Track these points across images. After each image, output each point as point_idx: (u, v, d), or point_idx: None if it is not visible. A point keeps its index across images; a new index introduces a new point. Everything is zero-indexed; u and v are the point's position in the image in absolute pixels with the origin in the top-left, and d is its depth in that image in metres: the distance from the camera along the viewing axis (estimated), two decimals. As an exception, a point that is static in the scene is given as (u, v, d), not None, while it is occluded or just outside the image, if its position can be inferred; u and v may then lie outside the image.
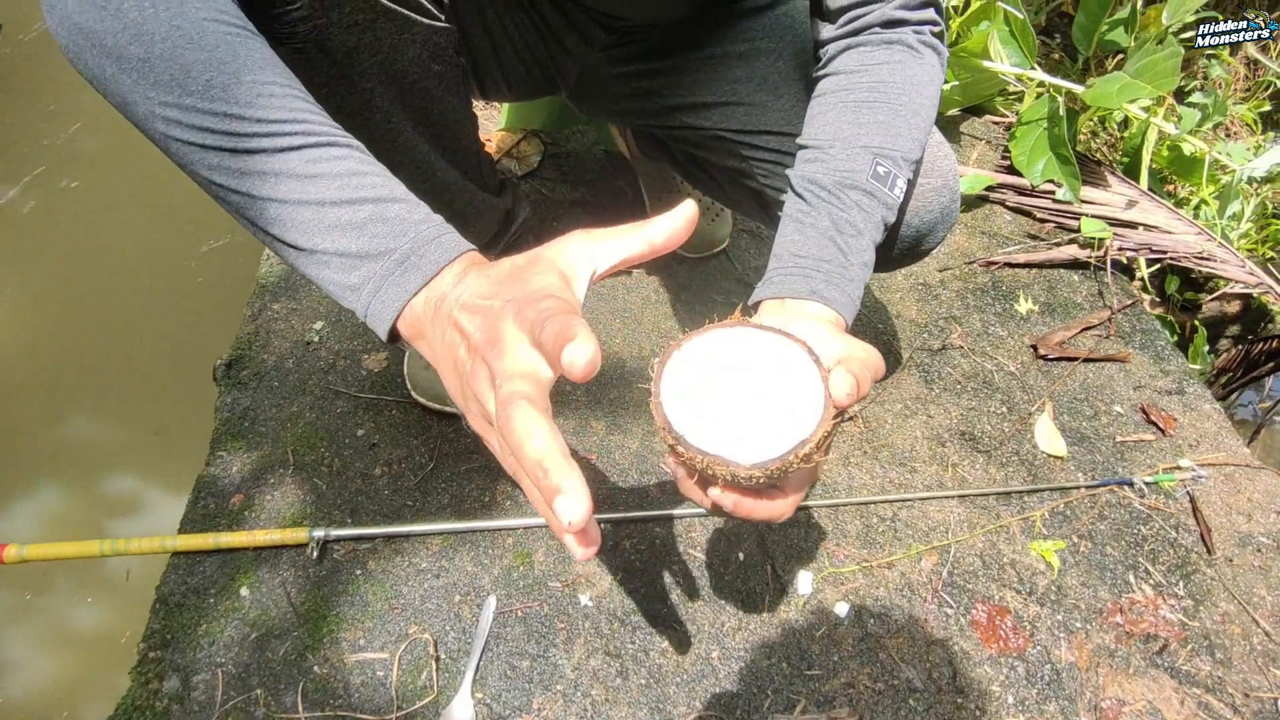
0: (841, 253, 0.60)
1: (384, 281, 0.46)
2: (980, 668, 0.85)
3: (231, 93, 0.44)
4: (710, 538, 0.92)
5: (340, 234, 0.46)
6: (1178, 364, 1.19)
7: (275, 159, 0.45)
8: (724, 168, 0.90)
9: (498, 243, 0.97)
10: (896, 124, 0.64)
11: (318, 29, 0.57)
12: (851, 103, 0.65)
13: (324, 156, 0.46)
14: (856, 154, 0.62)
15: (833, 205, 0.61)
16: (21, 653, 1.06)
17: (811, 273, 0.59)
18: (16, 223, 1.58)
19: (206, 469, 0.94)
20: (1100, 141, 1.74)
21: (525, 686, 0.80)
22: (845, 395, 0.47)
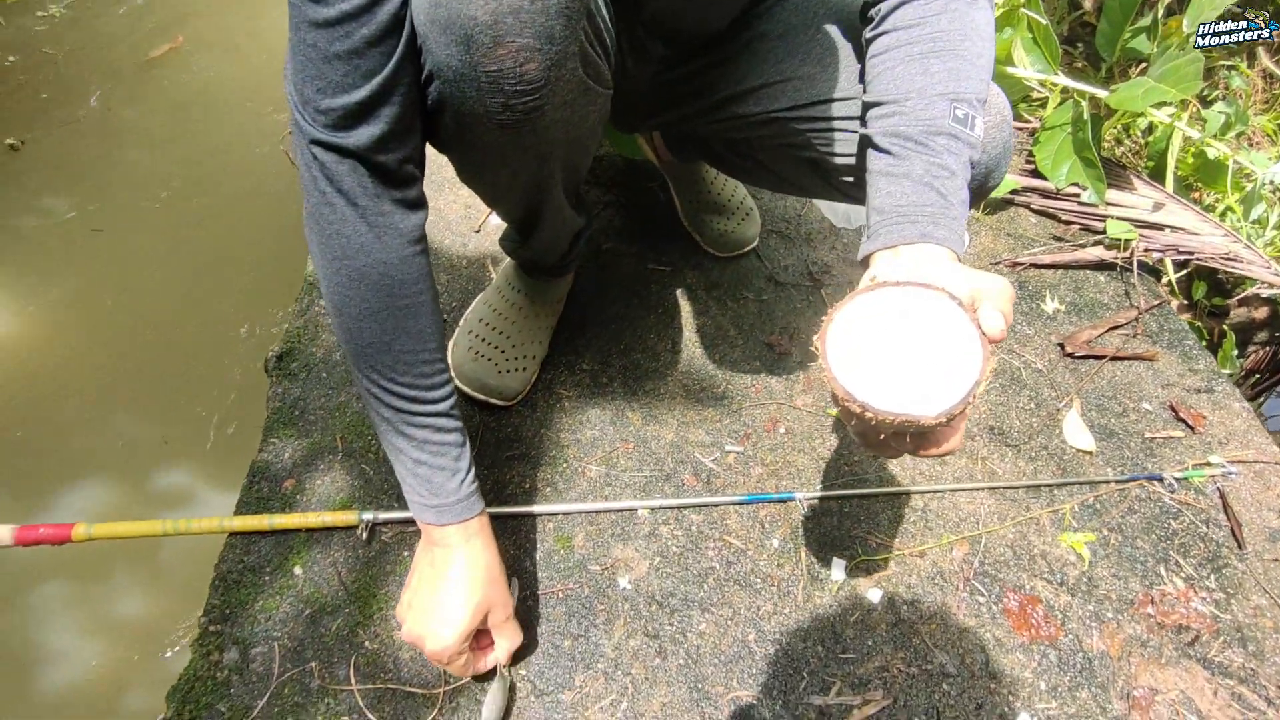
0: (941, 195, 0.61)
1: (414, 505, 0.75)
2: (1012, 654, 0.86)
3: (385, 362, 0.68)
4: (745, 525, 0.94)
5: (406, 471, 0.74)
6: (1206, 363, 1.20)
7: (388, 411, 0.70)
8: (775, 148, 0.91)
9: (568, 257, 1.01)
10: (965, 69, 0.65)
11: (540, 112, 0.61)
12: (918, 55, 0.66)
13: (417, 422, 0.71)
14: (934, 101, 0.64)
15: (923, 153, 0.63)
16: (82, 631, 1.10)
17: (917, 218, 0.61)
18: (73, 227, 1.64)
19: (260, 455, 0.98)
20: (1124, 149, 1.76)
21: (567, 665, 0.82)
22: (999, 331, 0.53)
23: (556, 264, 1.02)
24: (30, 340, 1.45)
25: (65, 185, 1.73)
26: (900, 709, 0.81)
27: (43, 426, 1.32)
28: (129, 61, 2.04)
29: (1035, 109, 1.64)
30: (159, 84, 1.99)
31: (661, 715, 0.79)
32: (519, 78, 0.56)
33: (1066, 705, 0.83)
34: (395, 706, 0.78)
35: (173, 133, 1.86)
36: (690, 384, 1.08)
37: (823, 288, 1.23)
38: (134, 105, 1.93)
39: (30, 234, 1.63)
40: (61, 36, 2.11)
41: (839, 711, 0.81)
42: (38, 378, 1.38)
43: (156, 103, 1.94)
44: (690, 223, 1.26)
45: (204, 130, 1.87)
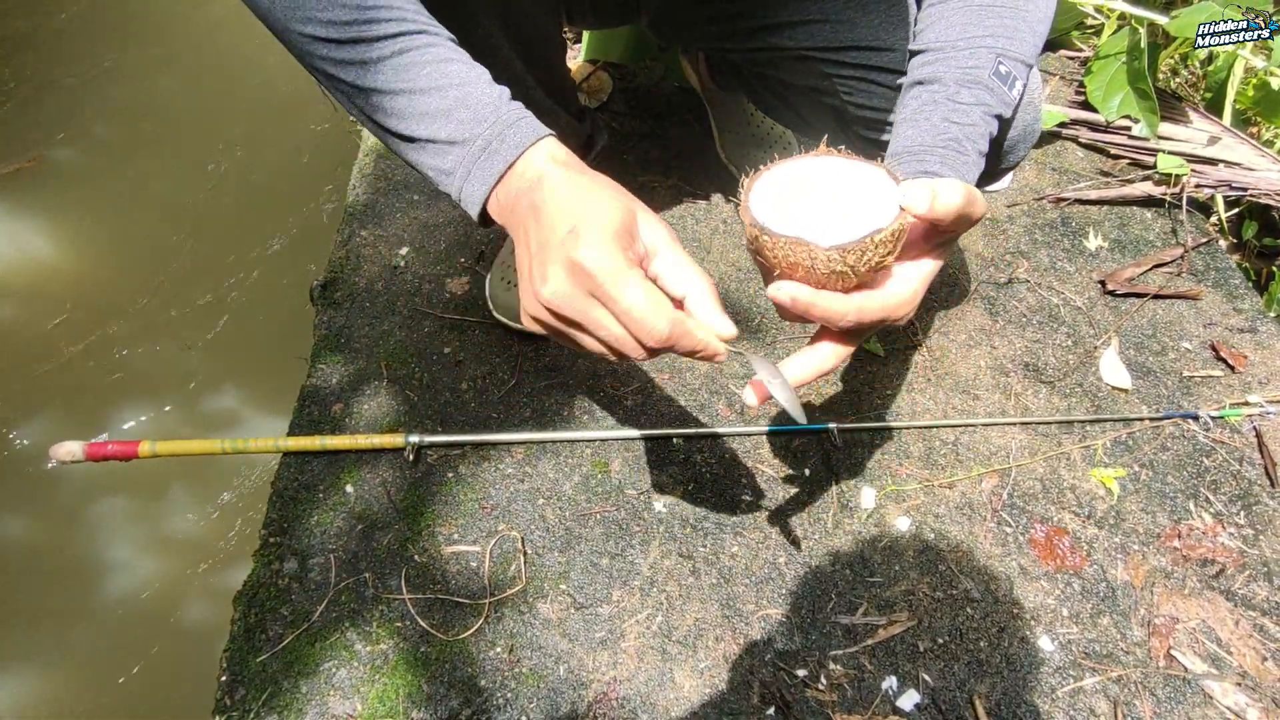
0: (956, 141, 0.60)
1: (472, 167, 0.52)
2: (1037, 582, 0.89)
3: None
4: (778, 453, 0.97)
5: (431, 120, 0.51)
6: (1252, 303, 1.18)
7: (373, 47, 0.51)
8: (803, 88, 0.91)
9: None
10: (1020, 27, 0.64)
11: None
12: (976, 5, 0.65)
13: (415, 44, 0.51)
14: (979, 52, 0.63)
15: (950, 103, 0.61)
16: (148, 543, 1.17)
17: (925, 157, 0.60)
18: (120, 154, 1.67)
19: (309, 380, 1.01)
20: (1181, 79, 1.68)
21: (605, 581, 0.86)
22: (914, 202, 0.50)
23: None
24: (82, 266, 1.49)
25: (110, 117, 1.75)
26: (924, 630, 0.84)
27: (97, 349, 1.38)
28: (168, 11, 2.03)
29: (1089, 37, 1.57)
30: (203, 19, 1.98)
31: (694, 629, 0.83)
32: None
33: (1087, 630, 0.86)
34: (445, 615, 0.83)
35: (214, 62, 1.87)
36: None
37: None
38: (173, 38, 1.92)
39: (78, 165, 1.66)
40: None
41: (865, 630, 0.84)
42: (89, 301, 1.43)
43: (197, 35, 1.93)
44: (728, 155, 1.24)
45: (246, 61, 1.87)
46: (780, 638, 0.83)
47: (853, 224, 0.50)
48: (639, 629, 0.83)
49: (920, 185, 0.50)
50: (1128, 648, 0.85)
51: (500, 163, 0.51)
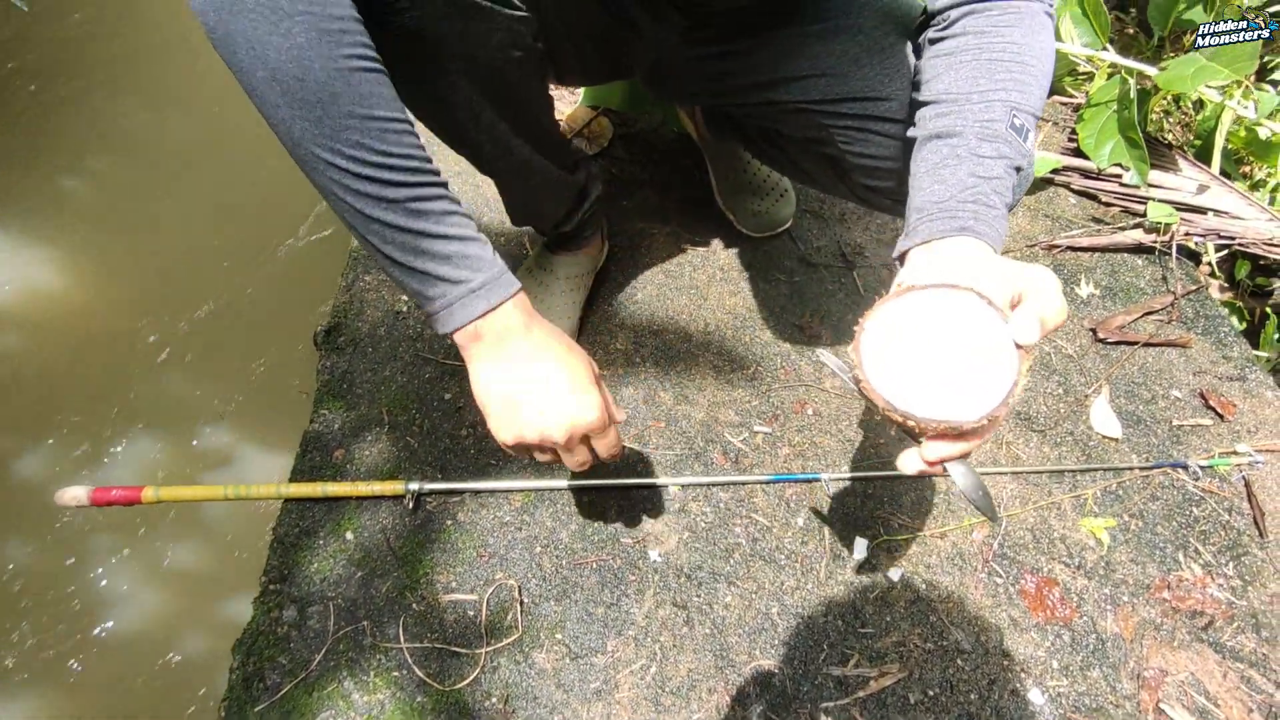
0: (984, 196, 0.61)
1: (455, 303, 0.63)
2: (1027, 634, 0.90)
3: (364, 125, 0.56)
4: (771, 503, 0.98)
5: (430, 259, 0.62)
6: (1240, 350, 1.19)
7: (390, 189, 0.58)
8: (801, 139, 0.93)
9: (571, 218, 1.03)
10: (1028, 81, 0.65)
11: (415, 19, 0.64)
12: (985, 59, 0.66)
13: (427, 195, 0.60)
14: (994, 106, 0.64)
15: (974, 157, 0.62)
16: (150, 586, 1.18)
17: (958, 213, 0.60)
18: (132, 191, 1.70)
19: (311, 425, 1.03)
20: (1173, 121, 1.71)
21: (600, 631, 0.87)
22: (1030, 339, 0.52)
23: (563, 233, 1.05)
24: (88, 298, 1.52)
25: (117, 153, 1.78)
26: (915, 682, 0.85)
27: (102, 382, 1.39)
28: (190, 34, 2.08)
29: (1081, 84, 1.61)
30: (201, 64, 2.02)
31: (688, 680, 0.84)
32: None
33: (1077, 683, 0.86)
34: (441, 664, 0.84)
35: (226, 99, 1.90)
36: (721, 365, 1.11)
37: (855, 269, 1.24)
38: (181, 74, 1.97)
39: (86, 197, 1.70)
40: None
41: (856, 682, 0.85)
42: (95, 334, 1.46)
43: (204, 74, 1.98)
44: (725, 202, 1.27)
45: (248, 107, 1.91)
46: (773, 689, 0.84)
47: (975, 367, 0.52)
48: (633, 680, 0.84)
49: (1028, 319, 0.52)
50: (1117, 701, 0.86)
51: (484, 305, 0.64)
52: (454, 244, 0.62)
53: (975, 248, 0.59)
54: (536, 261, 1.10)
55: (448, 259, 0.62)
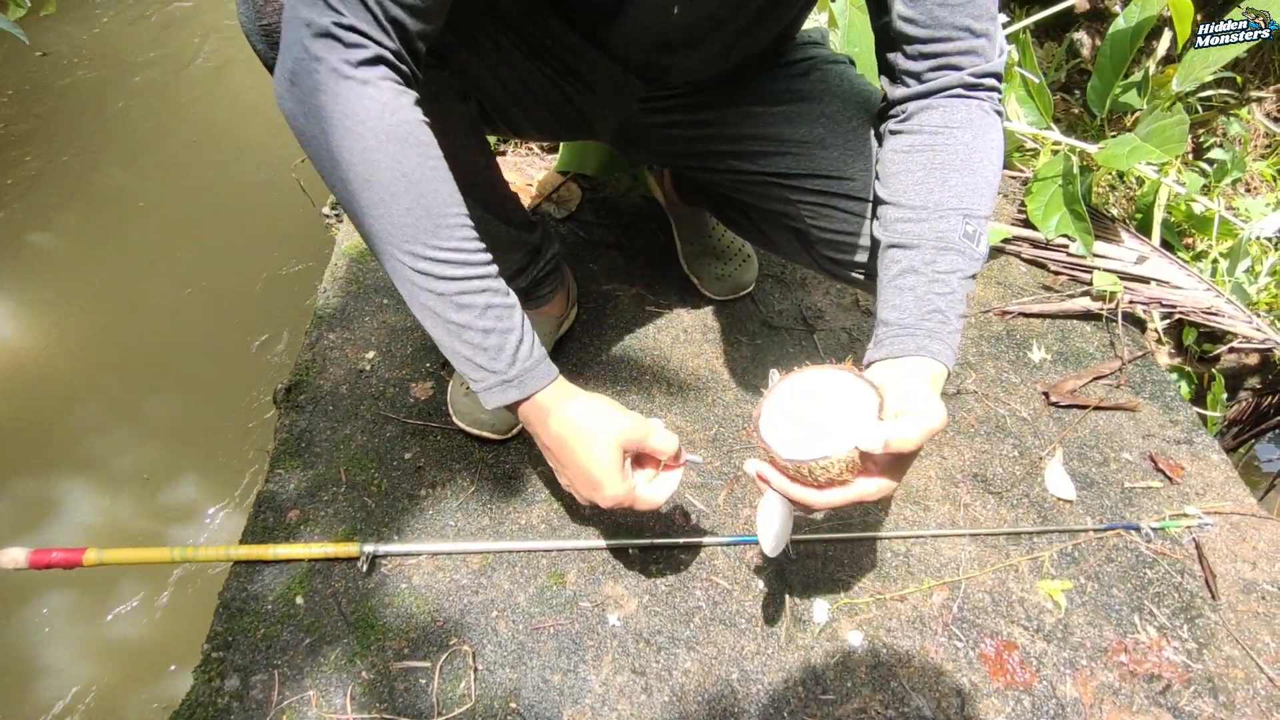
0: (940, 312, 0.69)
1: (494, 389, 0.71)
2: (987, 699, 0.89)
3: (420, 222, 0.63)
4: (732, 565, 0.97)
5: (474, 349, 0.68)
6: (1186, 414, 1.23)
7: (439, 284, 0.65)
8: (767, 210, 0.96)
9: (525, 274, 1.04)
10: (979, 186, 0.71)
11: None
12: (938, 165, 0.72)
13: (472, 289, 0.66)
14: (948, 215, 0.70)
15: (930, 269, 0.70)
16: (85, 651, 1.13)
17: (915, 332, 0.69)
18: (96, 242, 1.69)
19: (266, 485, 1.01)
20: (1118, 195, 1.80)
21: (556, 699, 0.85)
22: (866, 445, 0.62)
23: (520, 289, 1.05)
24: (42, 359, 1.49)
25: (77, 208, 1.78)
26: (876, 751, 0.84)
27: (53, 443, 1.36)
28: (147, 89, 2.11)
29: (1028, 159, 1.69)
30: (172, 117, 2.05)
31: (645, 751, 0.82)
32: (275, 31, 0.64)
33: (1038, 752, 0.86)
34: (389, 736, 0.81)
35: (197, 159, 1.92)
36: (683, 425, 1.12)
37: (815, 332, 1.27)
38: (149, 134, 1.99)
39: (44, 256, 1.68)
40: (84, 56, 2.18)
41: (817, 752, 0.83)
42: (54, 387, 1.43)
43: (172, 132, 2.00)
44: (689, 266, 1.30)
45: (228, 159, 1.93)
46: (732, 760, 0.82)
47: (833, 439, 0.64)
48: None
49: (877, 433, 0.61)
50: (1078, 769, 0.85)
51: (517, 394, 0.71)
52: (493, 338, 0.68)
53: (928, 368, 0.68)
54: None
55: (485, 350, 0.68)
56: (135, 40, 2.27)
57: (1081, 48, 2.14)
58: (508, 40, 0.83)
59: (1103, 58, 1.47)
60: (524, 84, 0.87)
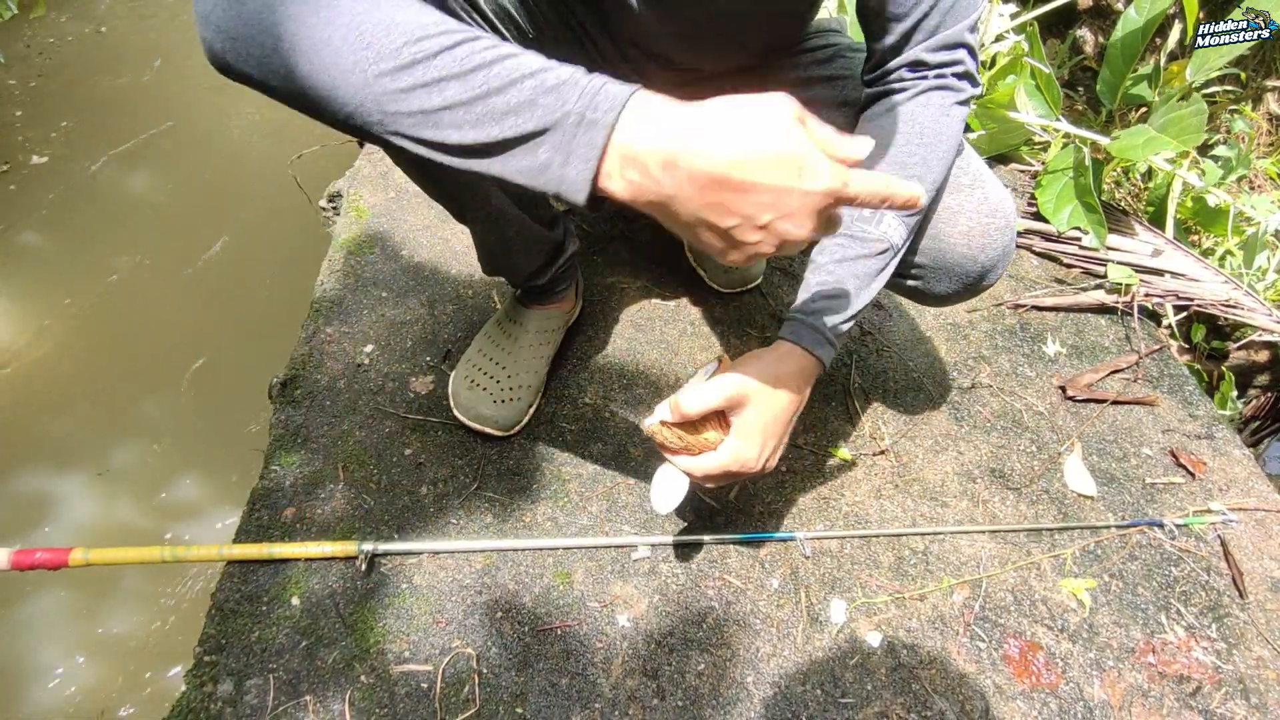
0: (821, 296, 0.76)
1: (570, 149, 0.48)
2: (1013, 702, 0.86)
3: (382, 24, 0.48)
4: (745, 564, 0.94)
5: (515, 117, 0.48)
6: (1206, 409, 1.20)
7: (432, 66, 0.48)
8: None
9: (545, 272, 1.01)
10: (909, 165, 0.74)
11: None
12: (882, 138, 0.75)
13: (472, 51, 0.48)
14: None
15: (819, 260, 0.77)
16: (75, 654, 1.09)
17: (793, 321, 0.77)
18: (89, 240, 1.66)
19: (261, 482, 0.98)
20: (1125, 191, 1.78)
21: (564, 704, 0.81)
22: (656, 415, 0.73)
23: (537, 286, 1.03)
24: (35, 357, 1.45)
25: (72, 206, 1.74)
26: (899, 757, 0.80)
27: (43, 441, 1.32)
28: (143, 86, 2.08)
29: (1037, 153, 1.67)
30: (167, 114, 2.02)
31: (658, 758, 0.78)
32: None
33: (1067, 756, 0.82)
34: (389, 743, 0.78)
35: (192, 154, 1.89)
36: (692, 419, 1.08)
37: (826, 325, 1.24)
38: (144, 131, 1.95)
39: (37, 253, 1.64)
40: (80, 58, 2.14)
41: (837, 758, 0.80)
42: (48, 385, 1.39)
43: (166, 128, 1.96)
44: (696, 258, 1.27)
45: (224, 154, 1.90)
46: (749, 767, 0.78)
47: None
48: (599, 758, 0.78)
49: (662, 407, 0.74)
50: (1109, 775, 0.81)
51: (601, 133, 0.47)
52: (527, 84, 0.48)
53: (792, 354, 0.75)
54: (507, 313, 1.08)
55: (531, 104, 0.48)
56: (132, 39, 2.24)
57: (1084, 44, 2.12)
58: (563, 32, 0.80)
59: (1113, 49, 1.45)
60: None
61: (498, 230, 0.91)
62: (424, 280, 1.23)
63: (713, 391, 0.70)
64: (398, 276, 1.23)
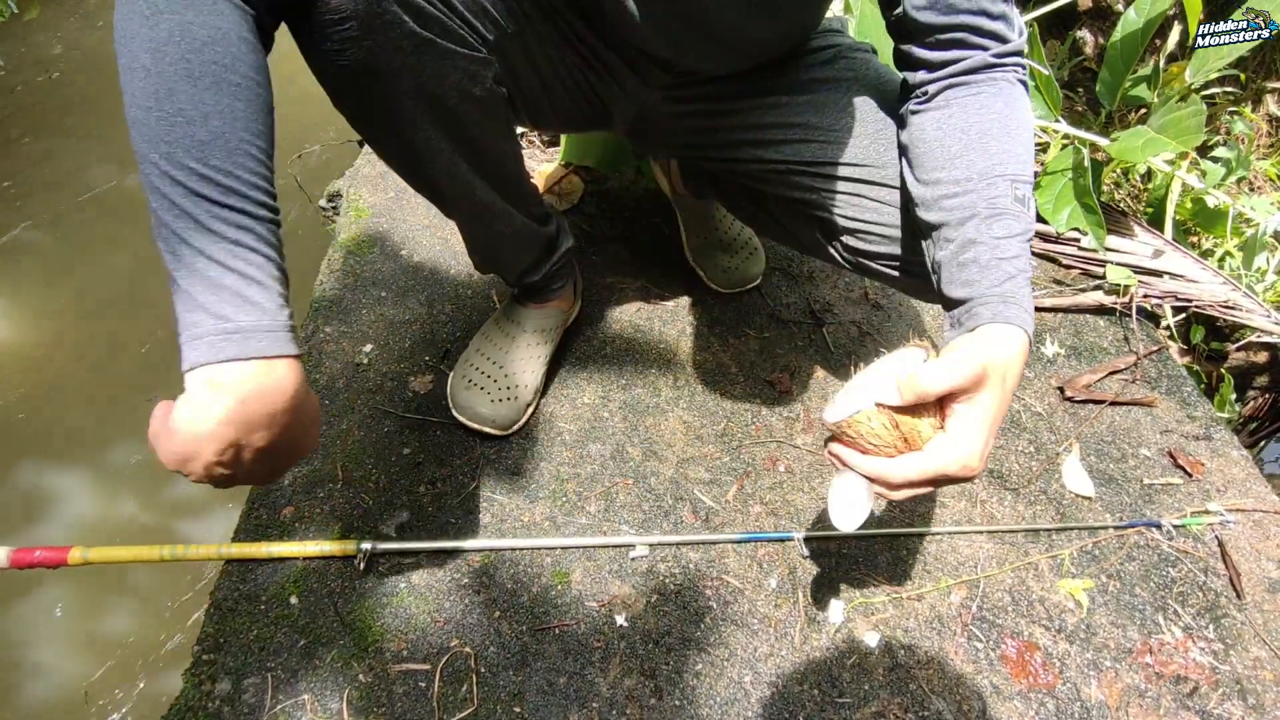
0: (1012, 277, 0.65)
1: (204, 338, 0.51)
2: (1010, 702, 0.86)
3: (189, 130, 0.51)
4: (743, 564, 0.94)
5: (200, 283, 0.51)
6: (1204, 410, 1.20)
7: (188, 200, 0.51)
8: (786, 199, 0.92)
9: (539, 269, 1.01)
10: (1019, 151, 0.69)
11: (365, 50, 0.62)
12: (977, 134, 0.69)
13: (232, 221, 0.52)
14: (995, 181, 0.67)
15: (990, 238, 0.66)
16: (72, 652, 1.09)
17: (990, 300, 0.64)
18: (91, 239, 1.66)
19: (259, 481, 0.98)
20: (1124, 192, 1.78)
21: (562, 703, 0.82)
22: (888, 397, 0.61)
23: (532, 284, 1.03)
24: (35, 356, 1.45)
25: (71, 205, 1.75)
26: (896, 756, 0.81)
27: (43, 439, 1.32)
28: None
29: (1037, 154, 1.67)
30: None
31: (655, 757, 0.79)
32: (326, 5, 0.58)
33: (1064, 756, 0.82)
34: (387, 742, 0.78)
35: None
36: (690, 420, 1.09)
37: (824, 326, 1.24)
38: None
39: (37, 252, 1.65)
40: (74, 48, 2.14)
41: (835, 758, 0.80)
42: (45, 384, 1.39)
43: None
44: (695, 258, 1.27)
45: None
46: (746, 767, 0.79)
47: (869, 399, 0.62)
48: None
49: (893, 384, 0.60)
50: (1106, 775, 0.81)
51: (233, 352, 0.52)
52: (230, 276, 0.51)
53: (1009, 335, 0.62)
54: (505, 313, 1.08)
55: (223, 290, 0.51)
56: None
57: (1084, 45, 2.12)
58: (547, 28, 0.80)
59: (1113, 50, 1.45)
60: (556, 73, 0.84)
61: (484, 223, 0.91)
62: (423, 280, 1.24)
63: (961, 365, 0.59)
64: (397, 276, 1.23)
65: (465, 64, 0.69)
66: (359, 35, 0.61)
